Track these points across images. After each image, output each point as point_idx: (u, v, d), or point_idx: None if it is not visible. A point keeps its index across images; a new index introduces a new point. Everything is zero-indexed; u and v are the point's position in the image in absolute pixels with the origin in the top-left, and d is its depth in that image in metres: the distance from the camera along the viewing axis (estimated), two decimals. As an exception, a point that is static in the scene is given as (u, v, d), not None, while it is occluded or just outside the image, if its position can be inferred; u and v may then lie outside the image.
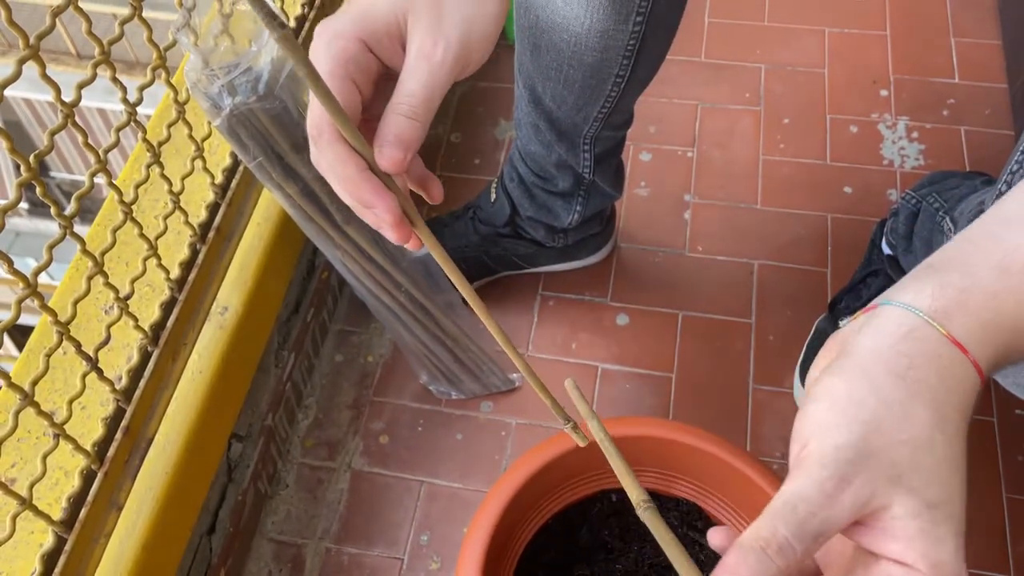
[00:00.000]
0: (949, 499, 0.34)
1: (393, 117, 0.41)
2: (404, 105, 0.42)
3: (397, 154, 0.41)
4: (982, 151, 1.15)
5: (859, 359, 0.36)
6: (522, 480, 0.70)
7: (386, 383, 1.02)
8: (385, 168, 0.42)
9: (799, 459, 0.35)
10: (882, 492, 0.33)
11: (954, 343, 0.36)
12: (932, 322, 0.36)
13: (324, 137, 0.41)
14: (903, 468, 0.33)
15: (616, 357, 1.03)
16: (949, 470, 0.34)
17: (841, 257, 1.08)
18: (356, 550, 0.91)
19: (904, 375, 0.35)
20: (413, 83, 0.42)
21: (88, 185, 0.57)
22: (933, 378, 0.35)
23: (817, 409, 0.35)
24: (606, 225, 1.07)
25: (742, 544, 0.33)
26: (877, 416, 0.34)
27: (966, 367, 0.36)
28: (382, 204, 0.42)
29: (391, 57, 0.44)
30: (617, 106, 0.82)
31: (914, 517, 0.33)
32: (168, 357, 0.72)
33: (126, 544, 0.66)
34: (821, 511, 0.33)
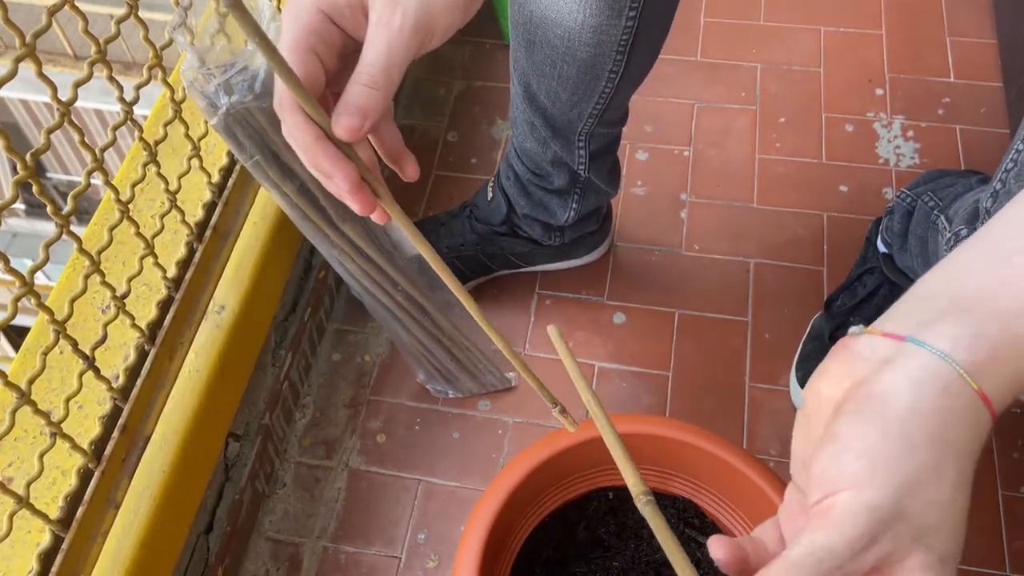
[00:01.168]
0: (958, 551, 0.35)
1: (352, 86, 0.42)
2: (363, 74, 0.42)
3: (353, 122, 0.41)
4: (977, 150, 1.16)
5: (895, 412, 0.35)
6: (519, 478, 0.70)
7: (383, 382, 1.02)
8: (341, 135, 0.42)
9: (825, 508, 0.35)
10: (904, 548, 0.34)
11: (985, 401, 0.36)
12: (968, 378, 0.36)
13: (284, 107, 0.42)
14: (927, 529, 0.34)
15: (613, 356, 1.03)
16: (962, 523, 0.35)
17: (837, 255, 1.08)
18: (353, 549, 0.91)
19: (940, 437, 0.35)
20: (373, 52, 0.42)
21: (84, 184, 0.57)
22: (965, 436, 0.35)
23: (850, 461, 0.35)
24: (602, 224, 1.07)
25: None
26: (911, 480, 0.34)
27: (988, 421, 0.36)
28: (339, 172, 0.42)
29: (355, 29, 0.44)
30: (611, 102, 0.83)
31: (927, 570, 0.34)
32: (165, 356, 0.72)
33: (123, 543, 0.66)
34: (845, 565, 0.34)
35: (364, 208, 0.44)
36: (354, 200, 0.44)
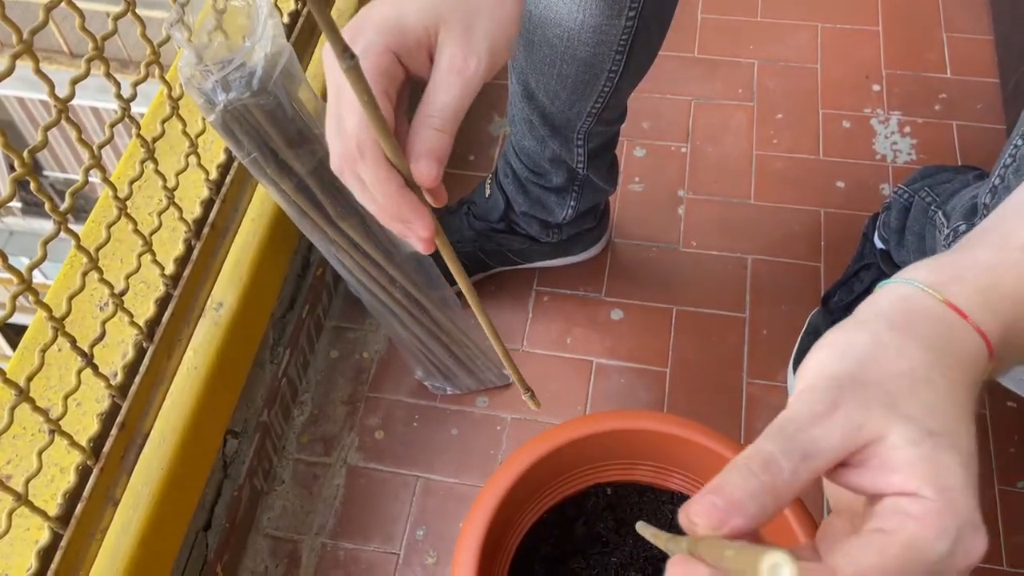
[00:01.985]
0: (954, 431, 0.32)
1: (427, 131, 0.42)
2: (437, 119, 0.42)
3: (434, 169, 0.41)
4: (974, 146, 1.16)
5: (856, 318, 0.35)
6: (517, 475, 0.70)
7: (381, 379, 1.02)
8: (422, 183, 0.42)
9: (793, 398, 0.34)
10: (876, 418, 0.31)
11: (953, 308, 0.35)
12: (928, 290, 0.35)
13: (368, 156, 0.41)
14: (899, 396, 0.32)
15: (611, 352, 1.03)
16: (953, 407, 0.32)
17: (834, 251, 1.08)
18: (352, 545, 0.91)
19: (901, 325, 0.34)
20: (446, 97, 0.42)
21: (82, 181, 0.57)
22: (931, 331, 0.34)
23: (813, 355, 0.35)
24: (600, 220, 1.07)
25: (729, 464, 0.32)
26: (873, 352, 0.33)
27: (967, 330, 0.35)
28: (420, 222, 0.43)
29: (419, 67, 0.44)
30: (610, 101, 0.83)
31: (914, 444, 0.31)
32: (163, 353, 0.72)
33: (122, 540, 0.66)
34: (810, 429, 0.32)
35: (429, 249, 0.44)
36: (428, 246, 0.44)
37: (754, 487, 0.31)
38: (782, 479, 0.31)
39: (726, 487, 0.31)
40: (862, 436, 0.31)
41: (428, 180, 0.42)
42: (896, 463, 0.31)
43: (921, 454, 0.31)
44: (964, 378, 0.34)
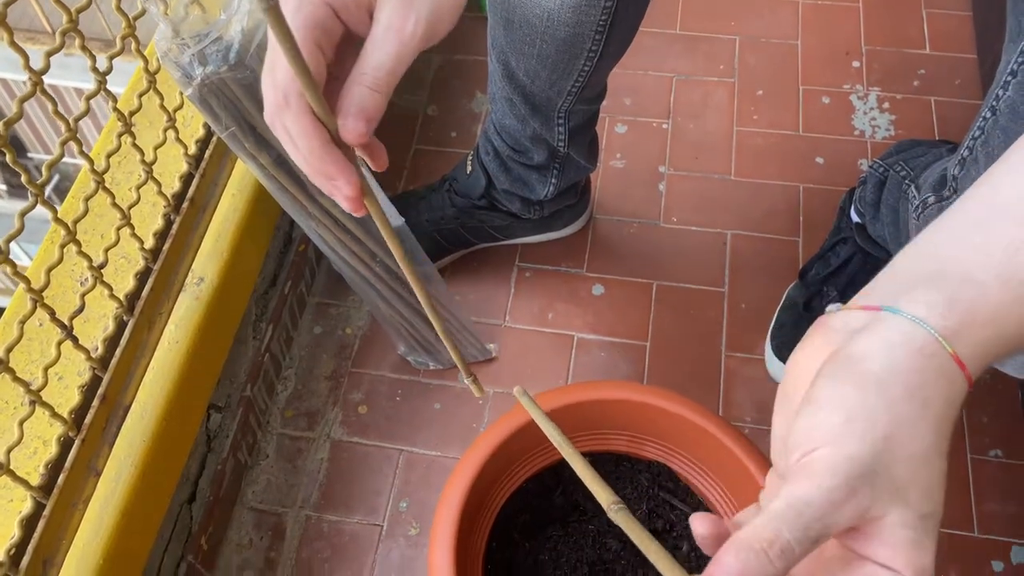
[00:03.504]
0: (937, 511, 0.35)
1: (359, 88, 0.41)
2: (369, 77, 0.41)
3: (361, 127, 0.41)
4: (951, 121, 1.17)
5: (871, 370, 0.36)
6: (494, 446, 0.71)
7: (364, 355, 1.03)
8: (349, 140, 0.41)
9: (805, 464, 0.35)
10: (882, 503, 0.34)
11: (960, 365, 0.36)
12: (943, 341, 0.36)
13: (292, 107, 0.41)
14: (905, 483, 0.34)
15: (592, 326, 1.04)
16: (940, 484, 0.35)
17: (812, 226, 1.09)
18: (336, 517, 0.92)
19: (916, 395, 0.35)
20: (381, 55, 0.41)
21: (58, 153, 0.57)
22: (941, 398, 0.36)
23: (827, 416, 0.35)
24: (581, 197, 1.08)
25: (741, 544, 0.33)
26: (889, 433, 0.35)
27: (963, 384, 0.36)
28: (345, 178, 0.42)
29: (357, 23, 0.43)
30: (591, 80, 0.83)
31: (906, 527, 0.34)
32: (144, 326, 0.72)
33: (105, 511, 0.67)
34: (825, 518, 0.34)
35: (357, 209, 0.44)
36: (355, 205, 0.43)
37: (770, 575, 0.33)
38: (793, 562, 0.34)
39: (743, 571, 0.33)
40: (866, 516, 0.34)
41: (355, 137, 0.41)
42: (887, 539, 0.34)
43: (909, 536, 0.34)
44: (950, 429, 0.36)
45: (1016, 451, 0.92)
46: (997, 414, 0.95)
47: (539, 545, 0.74)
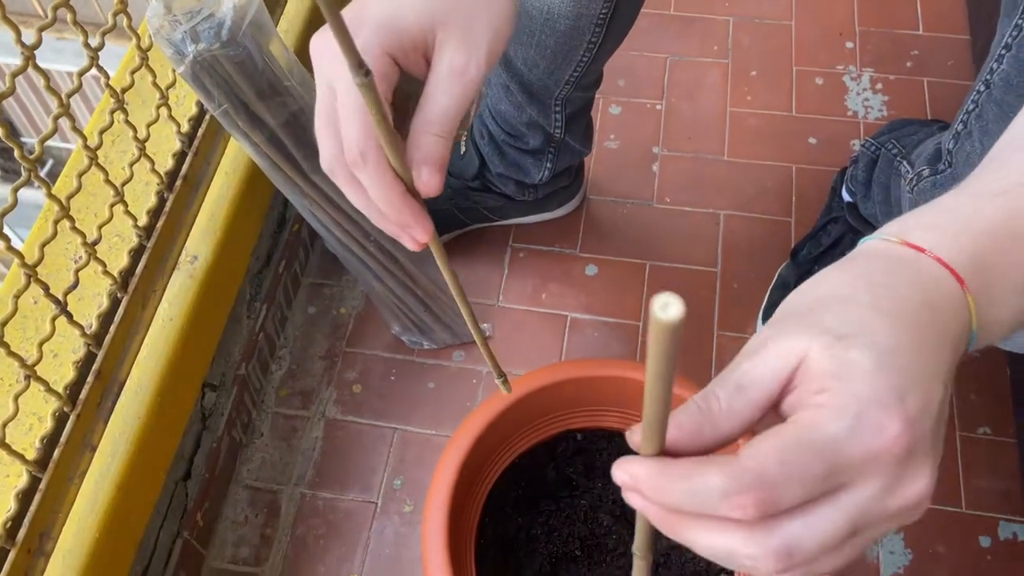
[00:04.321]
0: (868, 332, 0.31)
1: (428, 139, 0.40)
2: (437, 125, 0.41)
3: (436, 180, 0.41)
4: (944, 102, 1.17)
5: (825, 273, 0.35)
6: (487, 422, 0.72)
7: (359, 334, 1.04)
8: (425, 192, 0.41)
9: None
10: (799, 341, 0.32)
11: (910, 246, 0.34)
12: (891, 238, 0.35)
13: (370, 163, 0.40)
14: (820, 315, 0.33)
15: (585, 307, 1.04)
16: (876, 316, 0.32)
17: (805, 206, 1.10)
18: (330, 495, 0.93)
19: (845, 266, 0.35)
20: (447, 100, 0.41)
21: (51, 128, 0.57)
22: (874, 265, 0.34)
23: None
24: (575, 178, 1.08)
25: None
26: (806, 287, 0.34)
27: (923, 260, 0.34)
28: (421, 227, 0.42)
29: (414, 68, 0.43)
30: (588, 69, 0.83)
31: (826, 349, 0.31)
32: (138, 303, 0.73)
33: (101, 486, 0.68)
34: (743, 363, 0.33)
35: (420, 248, 0.44)
36: (420, 246, 0.43)
37: (692, 410, 0.33)
38: (717, 406, 0.33)
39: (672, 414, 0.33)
40: (789, 362, 0.32)
41: (430, 190, 0.41)
42: (812, 373, 0.32)
43: (831, 355, 0.31)
44: (912, 296, 0.33)
45: (1004, 428, 0.93)
46: (986, 392, 0.95)
47: (532, 520, 0.75)
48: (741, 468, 0.30)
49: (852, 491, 0.31)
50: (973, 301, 0.34)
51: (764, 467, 0.30)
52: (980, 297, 0.34)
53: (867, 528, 0.32)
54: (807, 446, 0.30)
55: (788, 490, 0.30)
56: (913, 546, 0.88)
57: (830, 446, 0.30)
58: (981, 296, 0.34)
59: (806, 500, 0.31)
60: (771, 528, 0.31)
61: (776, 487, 0.30)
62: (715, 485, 0.30)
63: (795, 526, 0.31)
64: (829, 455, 0.30)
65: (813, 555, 0.31)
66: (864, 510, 0.31)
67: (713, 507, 0.31)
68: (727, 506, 0.30)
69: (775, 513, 0.30)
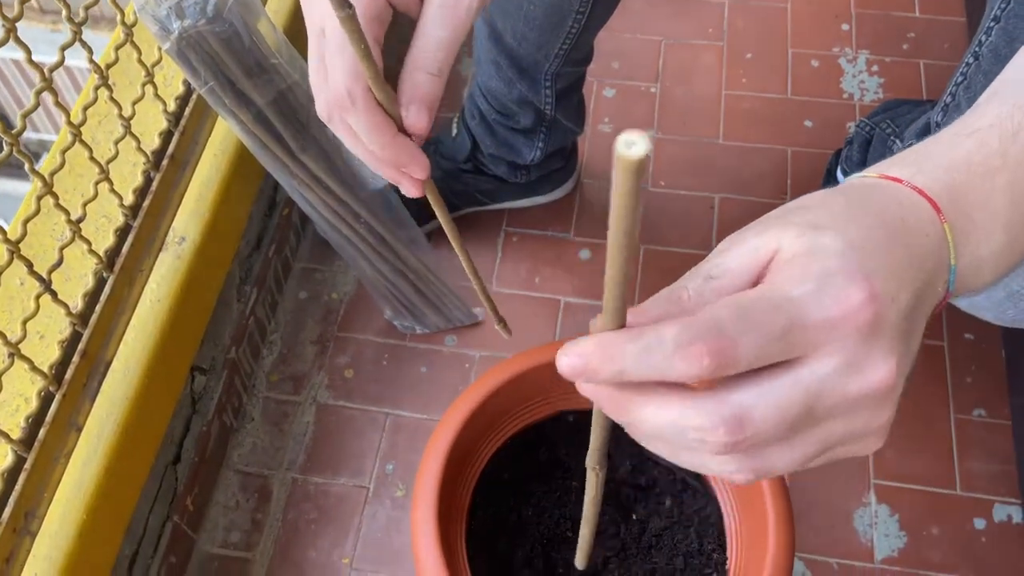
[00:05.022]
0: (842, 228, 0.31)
1: (419, 75, 0.40)
2: (430, 60, 0.40)
3: (425, 116, 0.40)
4: (940, 84, 1.16)
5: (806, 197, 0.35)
6: (476, 403, 0.71)
7: (351, 319, 1.03)
8: (415, 131, 0.41)
9: None
10: (771, 236, 0.31)
11: (886, 177, 0.34)
12: (867, 174, 0.35)
13: (360, 104, 0.40)
14: (794, 212, 0.32)
15: (579, 291, 1.04)
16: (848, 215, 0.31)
17: (800, 189, 1.09)
18: (322, 480, 0.93)
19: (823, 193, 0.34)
20: (438, 36, 0.40)
21: (33, 103, 0.57)
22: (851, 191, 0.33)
23: None
24: (568, 161, 1.07)
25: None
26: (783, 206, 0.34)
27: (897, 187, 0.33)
28: (417, 164, 0.41)
29: (407, 5, 0.42)
30: (578, 42, 0.82)
31: (797, 238, 0.30)
32: (124, 283, 0.72)
33: (88, 467, 0.67)
34: (714, 258, 0.32)
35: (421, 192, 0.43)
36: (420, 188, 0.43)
37: (659, 299, 0.32)
38: (686, 295, 0.31)
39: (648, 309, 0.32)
40: (761, 253, 0.31)
41: (420, 129, 0.40)
42: (782, 261, 0.30)
43: (802, 240, 0.30)
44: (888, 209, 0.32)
45: (999, 410, 0.93)
46: (980, 374, 0.95)
47: (523, 501, 0.75)
48: (698, 319, 0.29)
49: (810, 363, 0.29)
50: (949, 229, 0.33)
51: (721, 317, 0.29)
52: (956, 227, 0.33)
53: (823, 418, 0.30)
54: (768, 301, 0.29)
55: (745, 342, 0.28)
56: (908, 528, 0.87)
57: (792, 303, 0.29)
58: (957, 226, 0.33)
59: (763, 360, 0.29)
60: (722, 396, 0.29)
61: (733, 337, 0.28)
62: (669, 336, 0.29)
63: (747, 394, 0.29)
64: (789, 313, 0.29)
65: (765, 432, 0.29)
66: (821, 387, 0.29)
67: (667, 362, 0.29)
68: (680, 356, 0.28)
69: (730, 371, 0.29)
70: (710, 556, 0.71)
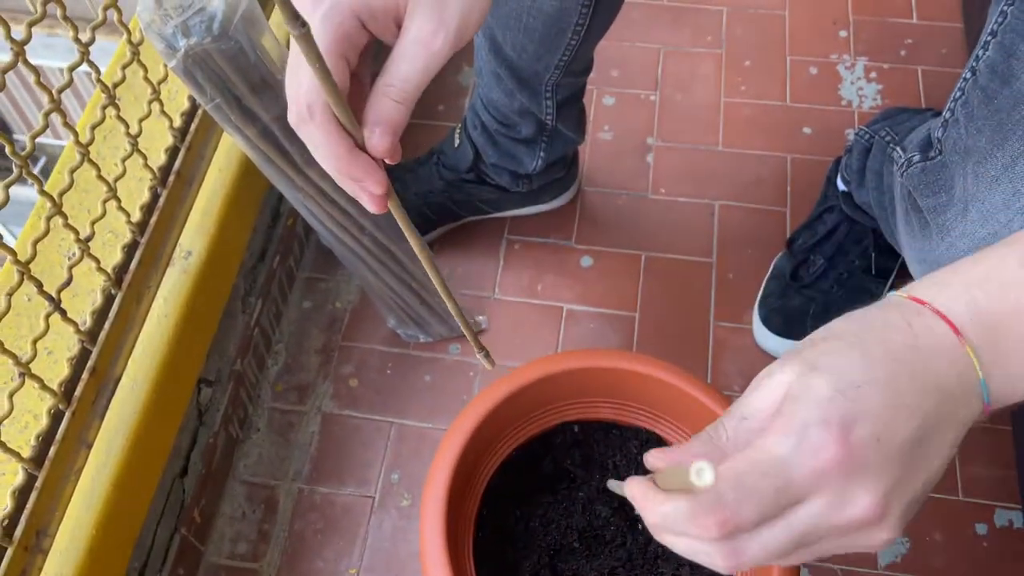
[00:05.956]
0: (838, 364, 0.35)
1: (385, 101, 0.41)
2: (395, 89, 0.41)
3: (387, 141, 0.41)
4: (938, 90, 1.17)
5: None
6: (482, 415, 0.72)
7: (355, 328, 1.03)
8: (375, 153, 0.41)
9: None
10: (787, 372, 0.36)
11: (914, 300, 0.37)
12: (900, 293, 0.38)
13: (317, 117, 0.41)
14: (809, 347, 0.37)
15: (581, 298, 1.04)
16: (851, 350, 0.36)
17: (800, 196, 1.10)
18: (328, 489, 0.93)
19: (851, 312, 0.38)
20: (408, 68, 0.41)
21: (43, 124, 0.57)
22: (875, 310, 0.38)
23: None
24: (569, 169, 1.08)
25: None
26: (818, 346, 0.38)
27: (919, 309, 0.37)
28: (372, 180, 0.42)
29: (383, 31, 0.43)
30: (578, 53, 0.83)
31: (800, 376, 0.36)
32: (132, 300, 0.72)
33: (97, 483, 0.68)
34: (745, 397, 0.37)
35: (382, 209, 0.44)
36: (379, 204, 0.44)
37: (704, 439, 0.38)
38: (724, 437, 0.37)
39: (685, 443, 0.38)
40: (777, 392, 0.36)
41: (380, 151, 0.41)
42: (780, 410, 0.36)
43: (798, 385, 0.35)
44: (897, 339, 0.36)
45: (1000, 417, 0.93)
46: (982, 380, 0.95)
47: (530, 512, 0.75)
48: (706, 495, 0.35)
49: (802, 507, 0.34)
50: (972, 351, 0.36)
51: (722, 491, 0.34)
52: (985, 346, 0.36)
53: (816, 541, 0.35)
54: (757, 468, 0.34)
55: (745, 509, 0.34)
56: (910, 534, 0.88)
57: (776, 466, 0.34)
58: (987, 345, 0.36)
59: (767, 516, 0.35)
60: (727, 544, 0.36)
61: (733, 507, 0.34)
62: (683, 509, 0.35)
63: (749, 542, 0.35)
64: (776, 474, 0.34)
65: (760, 562, 0.36)
66: (810, 525, 0.34)
67: (686, 528, 0.35)
68: (694, 528, 0.35)
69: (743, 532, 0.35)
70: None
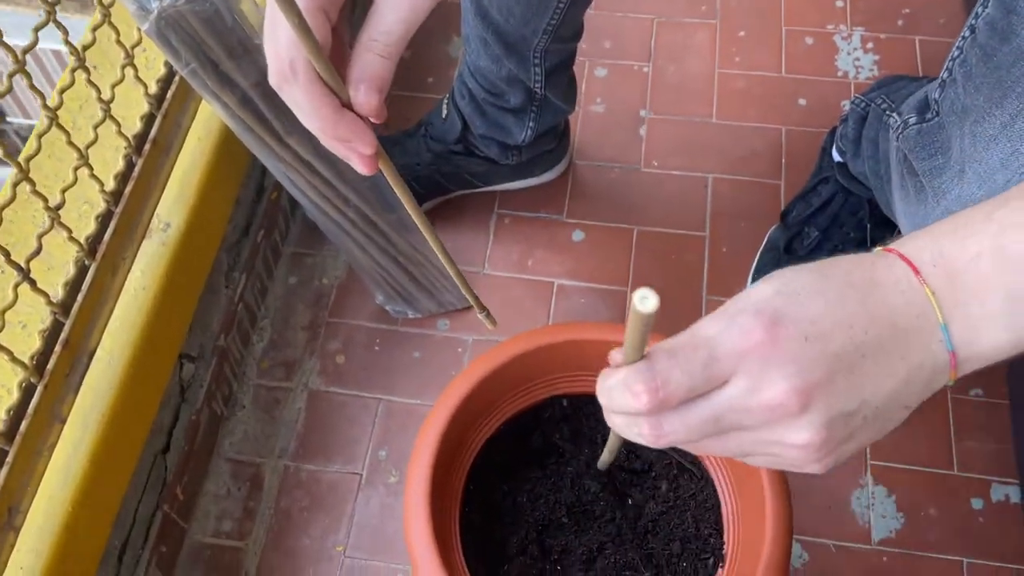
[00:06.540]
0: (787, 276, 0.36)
1: (369, 56, 0.39)
2: (380, 44, 0.40)
3: (374, 98, 0.40)
4: (936, 61, 1.15)
5: None
6: (469, 388, 0.70)
7: (342, 304, 1.02)
8: (363, 112, 0.40)
9: None
10: None
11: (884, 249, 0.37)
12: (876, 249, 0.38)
13: (300, 77, 0.39)
14: None
15: (572, 273, 1.03)
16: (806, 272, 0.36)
17: (795, 168, 1.08)
18: (314, 467, 0.92)
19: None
20: (393, 17, 0.40)
21: (7, 86, 0.55)
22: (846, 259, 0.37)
23: None
24: (560, 142, 1.06)
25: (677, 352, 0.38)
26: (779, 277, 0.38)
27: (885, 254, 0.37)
28: (361, 140, 0.41)
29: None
30: (566, 17, 0.81)
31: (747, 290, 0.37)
32: (107, 271, 0.70)
33: (73, 458, 0.66)
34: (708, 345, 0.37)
35: (371, 169, 0.43)
36: (370, 165, 0.42)
37: None
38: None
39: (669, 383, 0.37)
40: None
41: (367, 109, 0.40)
42: None
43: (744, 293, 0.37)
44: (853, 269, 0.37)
45: (996, 390, 0.92)
46: (979, 353, 0.94)
47: (517, 487, 0.74)
48: (639, 363, 0.36)
49: (724, 388, 0.35)
50: (932, 293, 0.35)
51: (655, 359, 0.36)
52: (945, 290, 0.35)
53: (736, 428, 0.36)
54: (689, 343, 0.36)
55: (674, 378, 0.35)
56: (905, 509, 0.87)
57: (708, 341, 0.35)
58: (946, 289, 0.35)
59: (695, 391, 0.36)
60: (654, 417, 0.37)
61: (663, 375, 0.35)
62: (620, 377, 0.36)
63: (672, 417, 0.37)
64: (706, 348, 0.35)
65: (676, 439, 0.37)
66: (728, 407, 0.35)
67: (620, 395, 0.36)
68: (628, 396, 0.36)
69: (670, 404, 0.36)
70: (707, 540, 0.70)
